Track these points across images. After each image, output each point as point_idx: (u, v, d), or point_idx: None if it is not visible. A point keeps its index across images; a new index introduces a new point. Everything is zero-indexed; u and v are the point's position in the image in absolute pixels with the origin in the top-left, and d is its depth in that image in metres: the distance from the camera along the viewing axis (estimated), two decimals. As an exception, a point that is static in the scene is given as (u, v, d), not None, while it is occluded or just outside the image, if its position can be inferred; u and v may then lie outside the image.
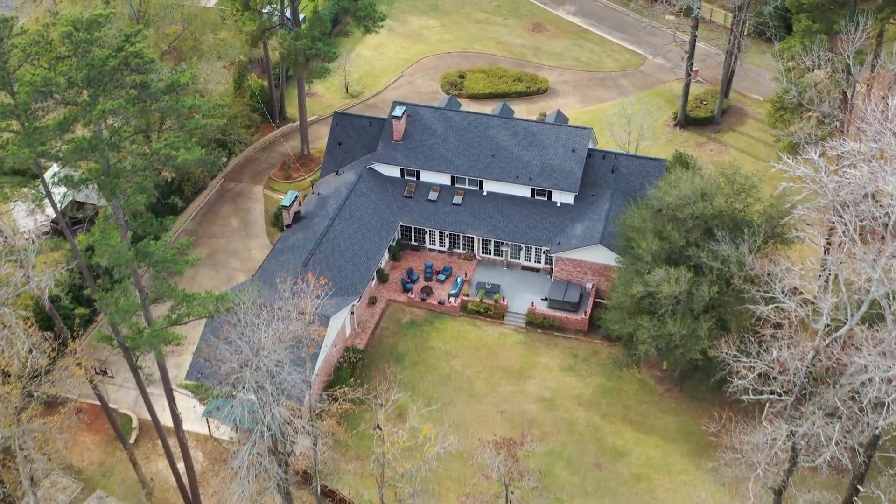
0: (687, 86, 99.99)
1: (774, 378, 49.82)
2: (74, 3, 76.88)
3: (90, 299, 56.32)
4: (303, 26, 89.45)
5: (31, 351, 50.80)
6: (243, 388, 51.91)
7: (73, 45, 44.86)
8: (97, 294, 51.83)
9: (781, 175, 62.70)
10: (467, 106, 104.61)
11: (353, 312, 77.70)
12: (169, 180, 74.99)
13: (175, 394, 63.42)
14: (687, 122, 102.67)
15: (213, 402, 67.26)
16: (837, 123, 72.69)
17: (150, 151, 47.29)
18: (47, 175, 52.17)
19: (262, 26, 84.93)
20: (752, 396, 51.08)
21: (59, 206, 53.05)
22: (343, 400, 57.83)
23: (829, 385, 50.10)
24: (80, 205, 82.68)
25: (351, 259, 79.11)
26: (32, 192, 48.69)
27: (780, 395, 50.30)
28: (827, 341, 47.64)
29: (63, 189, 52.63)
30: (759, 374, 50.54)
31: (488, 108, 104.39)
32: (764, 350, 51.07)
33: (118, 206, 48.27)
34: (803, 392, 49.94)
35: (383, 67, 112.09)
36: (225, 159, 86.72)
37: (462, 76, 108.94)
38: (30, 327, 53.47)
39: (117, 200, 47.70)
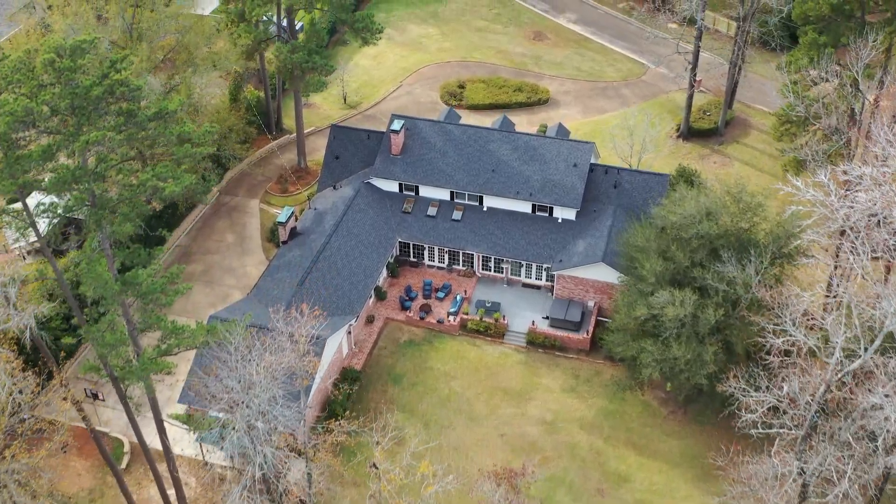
0: (690, 97, 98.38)
1: (784, 412, 48.21)
2: (65, 16, 75.20)
3: (77, 328, 54.63)
4: (300, 37, 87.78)
5: (11, 393, 49.12)
6: (233, 429, 50.28)
7: (56, 73, 43.12)
8: (83, 328, 50.20)
9: (790, 196, 60.99)
10: (467, 117, 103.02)
11: (350, 332, 76.06)
12: (157, 210, 73.43)
13: (166, 423, 61.72)
14: (690, 133, 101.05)
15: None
16: (845, 140, 70.99)
17: (137, 182, 45.57)
18: (32, 202, 50.45)
19: (257, 38, 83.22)
20: (761, 430, 49.42)
21: (47, 228, 51.35)
22: (339, 432, 56.06)
23: (841, 418, 48.50)
24: (71, 220, 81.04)
25: (348, 277, 77.47)
26: (16, 220, 47.00)
27: (791, 428, 48.67)
28: (839, 375, 46.04)
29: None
30: (769, 408, 48.90)
31: (488, 119, 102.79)
32: (773, 383, 49.45)
33: (105, 237, 46.60)
34: (814, 425, 48.33)
35: (382, 77, 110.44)
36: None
37: (462, 86, 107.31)
38: (14, 359, 51.84)
39: (103, 231, 46.03)
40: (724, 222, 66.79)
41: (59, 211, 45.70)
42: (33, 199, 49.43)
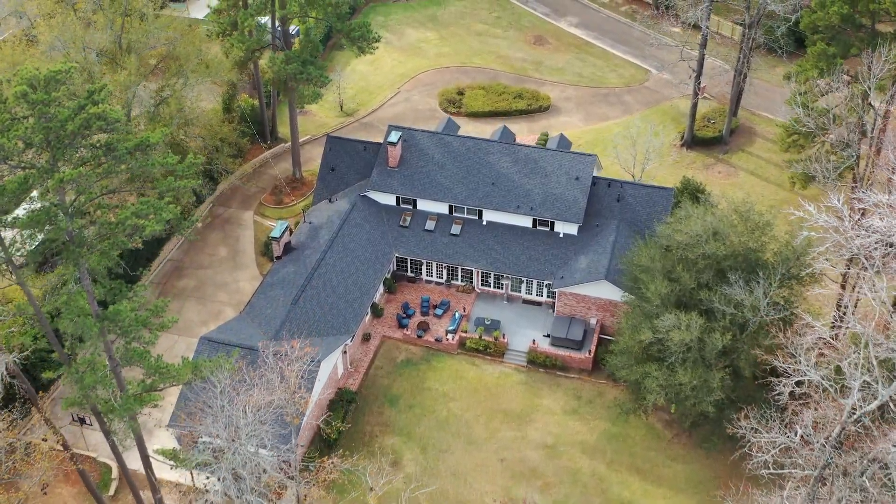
0: (694, 106, 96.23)
1: (797, 451, 46.17)
2: (51, 27, 72.90)
3: (58, 363, 52.34)
4: (294, 45, 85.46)
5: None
6: (219, 479, 48.18)
7: (30, 106, 40.79)
8: (62, 368, 48.05)
9: (801, 220, 58.81)
10: (466, 125, 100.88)
11: (345, 352, 73.94)
12: (139, 248, 71.21)
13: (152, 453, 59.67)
14: (694, 142, 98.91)
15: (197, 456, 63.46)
16: (856, 159, 68.84)
17: (115, 221, 43.33)
18: (8, 234, 48.21)
19: (250, 48, 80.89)
20: (772, 471, 47.35)
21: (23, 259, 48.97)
22: (331, 469, 54.01)
23: (857, 457, 46.42)
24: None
25: (343, 295, 75.31)
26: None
27: (803, 468, 46.61)
28: (856, 415, 43.97)
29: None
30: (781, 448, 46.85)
31: (488, 127, 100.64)
32: (785, 417, 47.35)
33: (85, 273, 44.38)
34: (828, 464, 46.30)
35: (379, 83, 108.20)
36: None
37: (461, 93, 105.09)
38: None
39: (81, 268, 43.82)
40: (732, 242, 64.60)
41: (35, 246, 43.48)
42: (8, 233, 47.17)
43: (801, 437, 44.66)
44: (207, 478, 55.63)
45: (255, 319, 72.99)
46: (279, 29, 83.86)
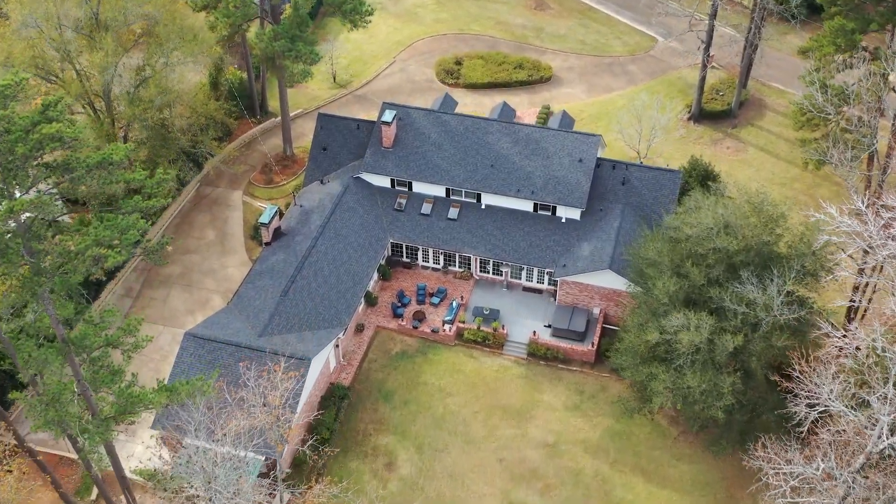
0: (702, 80, 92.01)
1: (818, 481, 43.18)
2: (23, 4, 68.56)
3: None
4: (283, 17, 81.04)
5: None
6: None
7: None
8: (23, 394, 44.76)
9: (819, 218, 55.15)
10: (464, 97, 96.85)
11: (337, 346, 70.76)
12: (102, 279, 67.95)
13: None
14: (702, 115, 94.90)
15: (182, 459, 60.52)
16: (874, 144, 65.03)
17: (75, 250, 39.70)
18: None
19: (235, 23, 76.50)
20: (790, 500, 44.36)
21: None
22: (321, 493, 51.06)
23: (881, 487, 43.45)
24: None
25: (335, 285, 71.95)
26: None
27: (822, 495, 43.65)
28: (881, 446, 40.92)
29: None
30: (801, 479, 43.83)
31: (487, 99, 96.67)
32: (801, 438, 44.25)
33: (47, 299, 40.83)
34: (848, 495, 43.34)
35: (374, 52, 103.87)
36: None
37: (459, 62, 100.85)
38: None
39: (42, 297, 40.30)
40: (745, 235, 61.01)
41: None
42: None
43: (825, 471, 41.59)
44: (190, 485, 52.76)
45: (242, 311, 69.71)
46: (266, 0, 79.46)
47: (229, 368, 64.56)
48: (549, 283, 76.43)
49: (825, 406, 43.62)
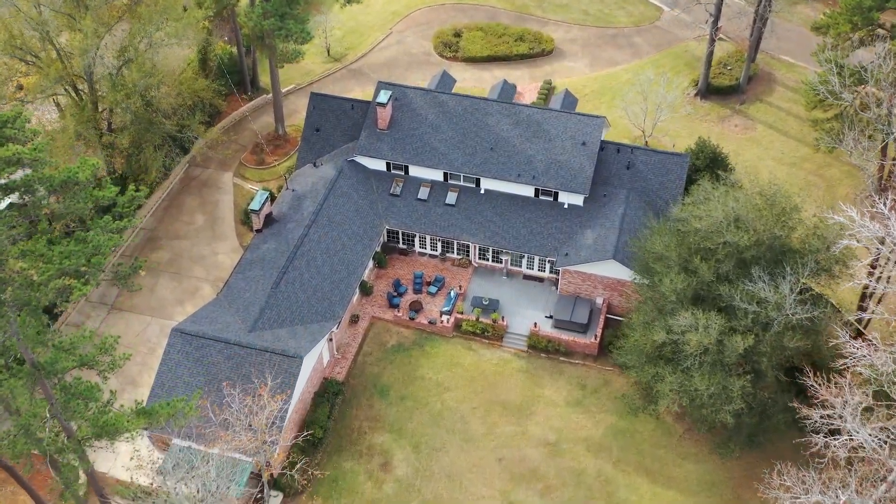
0: (710, 54, 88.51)
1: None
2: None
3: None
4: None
5: None
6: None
7: None
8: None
9: (839, 221, 52.19)
10: (463, 71, 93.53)
11: (331, 339, 68.24)
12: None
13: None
14: (709, 91, 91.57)
15: (170, 460, 58.20)
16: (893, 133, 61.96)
17: (38, 281, 36.86)
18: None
19: (221, 3, 72.91)
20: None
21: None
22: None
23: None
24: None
25: (329, 276, 69.25)
26: None
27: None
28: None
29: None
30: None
31: (486, 73, 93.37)
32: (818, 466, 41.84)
33: (13, 326, 37.99)
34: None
35: (369, 23, 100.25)
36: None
37: (458, 34, 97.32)
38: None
39: (9, 327, 37.52)
40: (757, 229, 58.15)
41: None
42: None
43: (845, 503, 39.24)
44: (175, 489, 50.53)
45: (232, 304, 67.10)
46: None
47: (218, 366, 62.17)
48: (551, 272, 73.77)
49: (849, 436, 41.11)
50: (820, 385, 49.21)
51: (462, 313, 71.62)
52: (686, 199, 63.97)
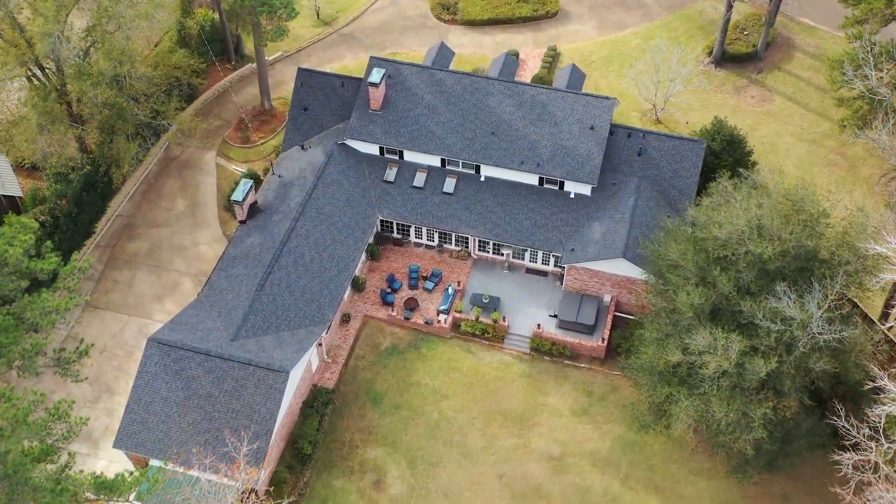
0: (727, 21, 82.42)
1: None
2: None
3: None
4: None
5: None
6: None
7: None
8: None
9: (880, 252, 47.28)
10: (462, 36, 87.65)
11: (320, 343, 63.77)
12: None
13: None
14: (724, 58, 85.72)
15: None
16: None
17: None
18: None
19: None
20: None
21: None
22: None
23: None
24: None
25: (318, 274, 64.49)
26: None
27: None
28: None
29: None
30: None
31: (487, 38, 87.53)
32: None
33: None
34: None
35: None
36: (163, 139, 68.56)
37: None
38: None
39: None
40: (783, 237, 53.23)
41: None
42: None
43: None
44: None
45: (214, 306, 62.44)
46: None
47: (198, 381, 57.80)
48: (556, 265, 69.06)
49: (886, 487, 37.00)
50: (849, 419, 44.96)
51: (460, 312, 67.08)
52: (704, 199, 58.87)
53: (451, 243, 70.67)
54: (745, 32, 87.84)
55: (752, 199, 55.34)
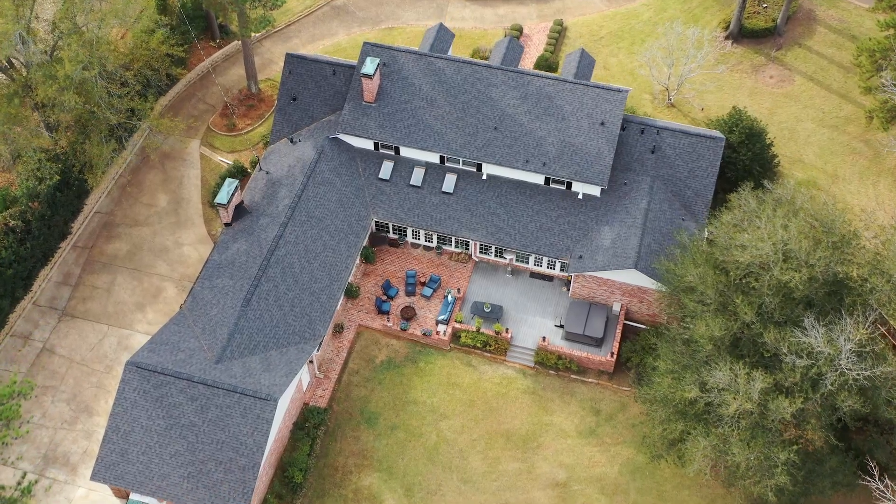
0: (746, -4, 77.07)
1: None
2: None
3: None
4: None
5: None
6: None
7: None
8: None
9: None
10: (462, 9, 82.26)
11: (311, 361, 59.86)
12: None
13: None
14: (741, 34, 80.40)
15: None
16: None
17: None
18: None
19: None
20: None
21: None
22: None
23: None
24: None
25: (308, 285, 60.30)
26: None
27: None
28: None
29: None
30: None
31: (489, 12, 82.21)
32: None
33: None
34: None
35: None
36: (144, 126, 63.90)
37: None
38: None
39: None
40: (811, 263, 49.04)
41: None
42: None
43: None
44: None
45: (197, 322, 58.36)
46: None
47: (180, 408, 54.04)
48: (562, 269, 64.89)
49: None
50: (883, 479, 41.35)
51: (461, 322, 63.07)
52: (724, 214, 54.43)
53: (450, 245, 66.34)
54: (765, 6, 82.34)
55: (778, 219, 50.95)
